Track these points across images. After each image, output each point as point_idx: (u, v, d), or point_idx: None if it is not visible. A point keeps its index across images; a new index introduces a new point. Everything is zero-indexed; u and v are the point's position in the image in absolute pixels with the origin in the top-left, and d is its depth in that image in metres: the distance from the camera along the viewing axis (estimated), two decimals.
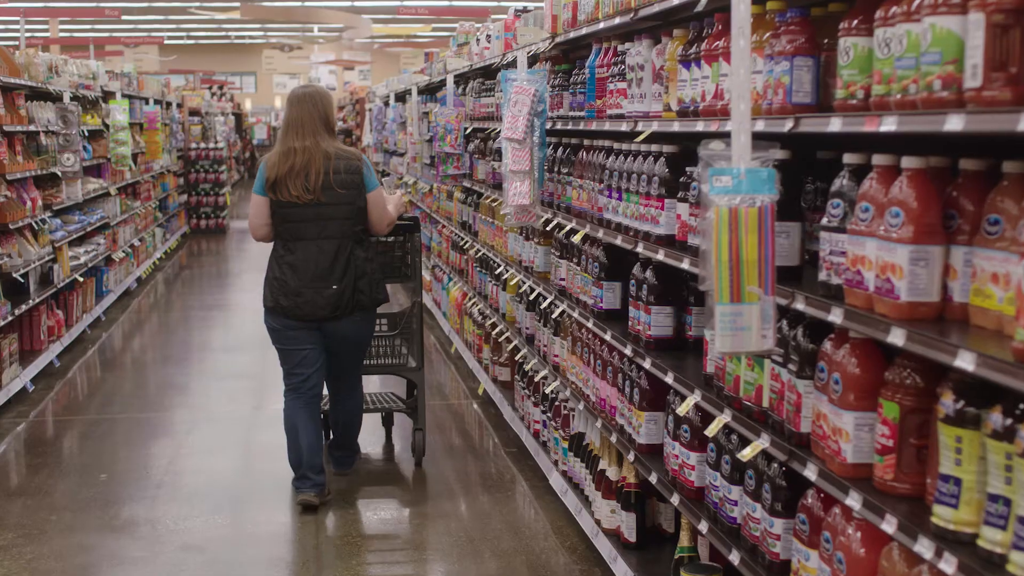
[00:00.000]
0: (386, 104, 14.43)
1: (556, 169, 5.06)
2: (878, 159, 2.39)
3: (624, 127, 4.00)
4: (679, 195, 3.55)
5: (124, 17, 28.27)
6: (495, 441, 6.26)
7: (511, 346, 6.25)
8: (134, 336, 9.86)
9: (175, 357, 8.69)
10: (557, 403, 5.20)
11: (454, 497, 5.33)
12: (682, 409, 3.35)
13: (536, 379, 5.53)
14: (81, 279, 9.12)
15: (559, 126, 5.02)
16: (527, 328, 5.89)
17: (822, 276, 2.59)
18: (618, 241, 4.09)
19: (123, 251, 11.26)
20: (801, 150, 3.00)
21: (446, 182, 7.79)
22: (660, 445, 3.88)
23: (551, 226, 5.07)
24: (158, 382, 7.84)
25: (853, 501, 2.39)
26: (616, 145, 4.24)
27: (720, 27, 3.19)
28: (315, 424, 5.17)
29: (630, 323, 4.07)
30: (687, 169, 3.54)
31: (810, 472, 2.59)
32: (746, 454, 2.86)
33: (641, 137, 3.70)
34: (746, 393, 3.01)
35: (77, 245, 9.46)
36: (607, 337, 4.26)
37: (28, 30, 27.77)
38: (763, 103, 2.81)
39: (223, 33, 35.93)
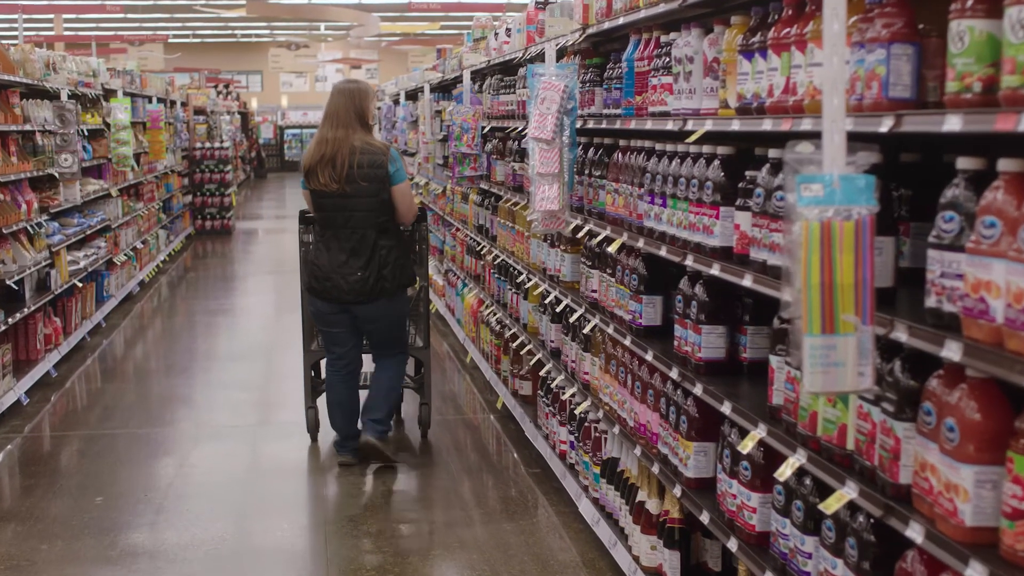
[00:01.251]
0: (396, 102, 14.05)
1: (587, 172, 4.67)
2: (1007, 164, 2.00)
3: (670, 126, 3.61)
4: (738, 202, 3.16)
5: (129, 16, 27.98)
6: (516, 459, 5.88)
7: (534, 360, 5.86)
8: (135, 343, 9.48)
9: (178, 366, 8.32)
10: (587, 424, 4.81)
11: (472, 524, 4.94)
12: (745, 446, 2.96)
13: (563, 397, 5.14)
14: (80, 284, 8.75)
15: (590, 125, 4.64)
16: (552, 341, 5.50)
17: (931, 302, 2.19)
18: (662, 252, 3.70)
19: (125, 254, 10.90)
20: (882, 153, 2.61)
21: (462, 184, 7.41)
22: (711, 479, 3.50)
23: (581, 233, 4.68)
24: (159, 394, 7.46)
25: (975, 573, 2.00)
26: (658, 146, 3.85)
27: (791, 12, 2.80)
28: (351, 396, 5.64)
29: (675, 343, 3.68)
30: (746, 173, 3.15)
31: (914, 533, 2.20)
32: (830, 505, 2.47)
33: (693, 137, 3.32)
34: (825, 432, 2.62)
35: (76, 249, 9.09)
36: (648, 357, 3.87)
37: (32, 28, 27.52)
38: (851, 98, 2.42)
39: (229, 31, 35.58)
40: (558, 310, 5.21)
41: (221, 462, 5.92)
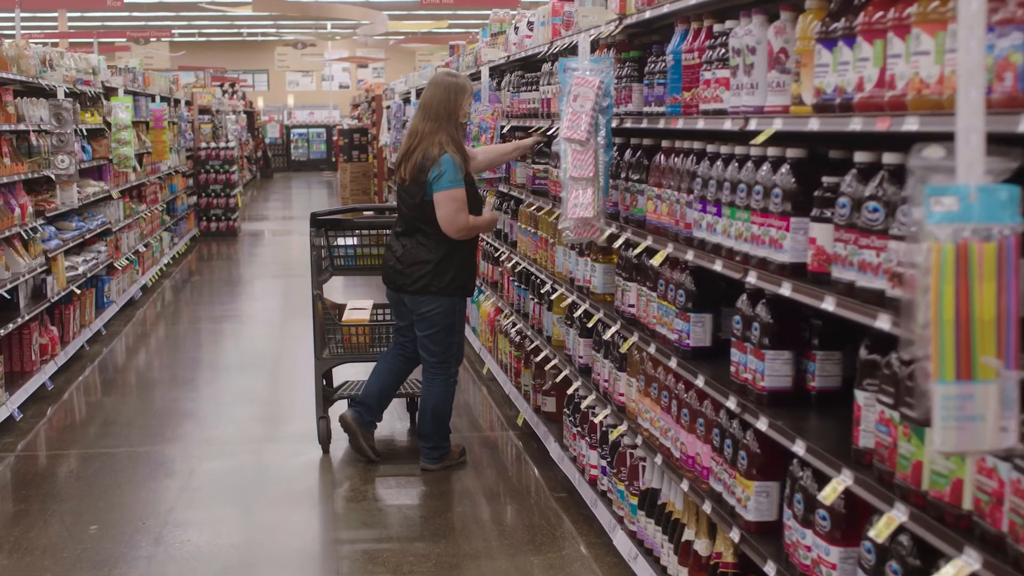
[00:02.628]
0: (406, 101, 13.68)
1: (625, 175, 4.27)
2: None
3: (728, 125, 3.21)
4: (813, 213, 2.77)
5: (134, 14, 27.64)
6: (540, 482, 5.48)
7: (560, 377, 5.47)
8: (137, 352, 9.10)
9: (180, 378, 7.93)
10: (622, 450, 4.42)
11: (496, 555, 4.55)
12: (827, 496, 2.56)
13: (595, 419, 4.75)
14: (79, 291, 8.36)
15: (628, 124, 4.24)
16: (580, 357, 5.10)
17: None
18: (717, 267, 3.31)
19: (126, 258, 10.52)
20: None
21: (480, 186, 7.00)
22: (775, 524, 3.10)
23: (618, 243, 4.28)
24: (161, 407, 7.06)
25: None
26: (710, 147, 3.46)
27: None
28: (388, 367, 5.62)
29: (733, 369, 3.28)
30: (823, 179, 2.75)
31: None
32: (948, 575, 2.07)
33: (761, 138, 2.92)
34: (934, 487, 2.22)
35: (75, 254, 8.72)
36: (699, 383, 3.48)
37: (36, 26, 27.18)
38: None
39: (235, 30, 35.22)
40: (589, 325, 4.82)
41: (226, 485, 5.53)
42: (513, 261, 6.61)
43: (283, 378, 7.88)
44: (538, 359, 5.87)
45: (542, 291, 5.83)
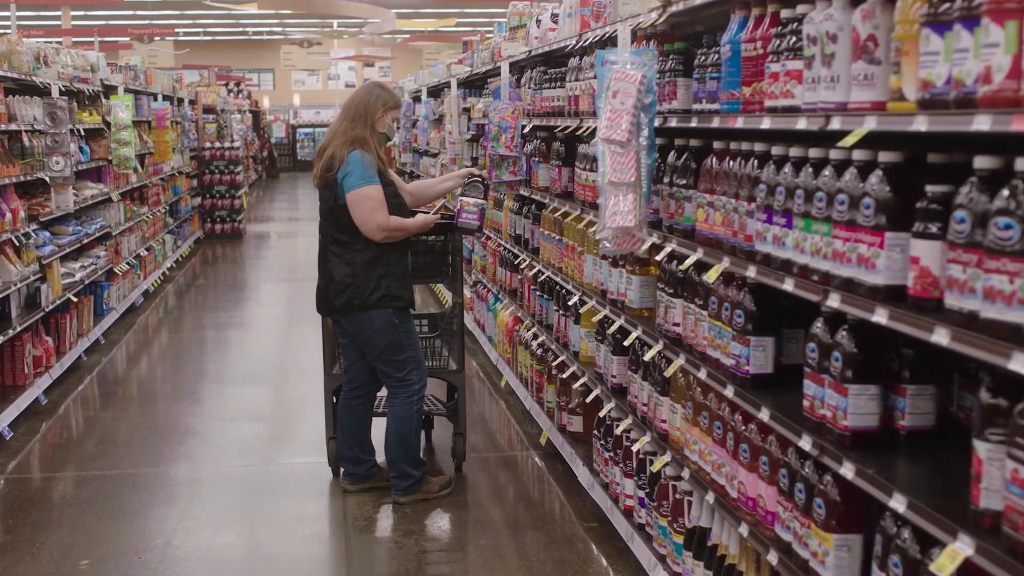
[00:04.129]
0: (416, 100, 13.27)
1: (669, 180, 3.86)
2: None
3: (802, 124, 2.80)
4: (916, 228, 2.35)
5: (138, 12, 27.27)
6: (568, 510, 5.08)
7: (590, 397, 5.05)
8: (137, 362, 8.69)
9: (182, 390, 7.53)
10: (664, 481, 4.00)
11: None
12: (943, 566, 2.14)
13: (632, 447, 4.33)
14: (76, 298, 7.96)
15: (673, 123, 3.82)
16: (614, 376, 4.69)
17: None
18: (786, 286, 2.89)
19: (127, 263, 10.12)
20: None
21: (499, 189, 6.60)
22: None
23: (661, 255, 3.87)
24: (161, 424, 6.65)
25: None
26: (775, 149, 3.05)
27: None
28: (348, 415, 5.20)
29: (806, 403, 2.87)
30: (927, 189, 2.34)
31: None
32: None
33: (851, 139, 2.50)
34: None
35: (72, 260, 8.32)
36: (764, 417, 3.06)
37: (39, 24, 26.82)
38: None
39: (240, 29, 34.84)
40: (625, 343, 4.40)
41: (229, 513, 5.13)
42: (535, 269, 6.20)
43: (290, 391, 7.48)
44: (564, 375, 5.46)
45: (569, 303, 5.42)
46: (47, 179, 7.36)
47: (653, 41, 4.10)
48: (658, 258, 3.91)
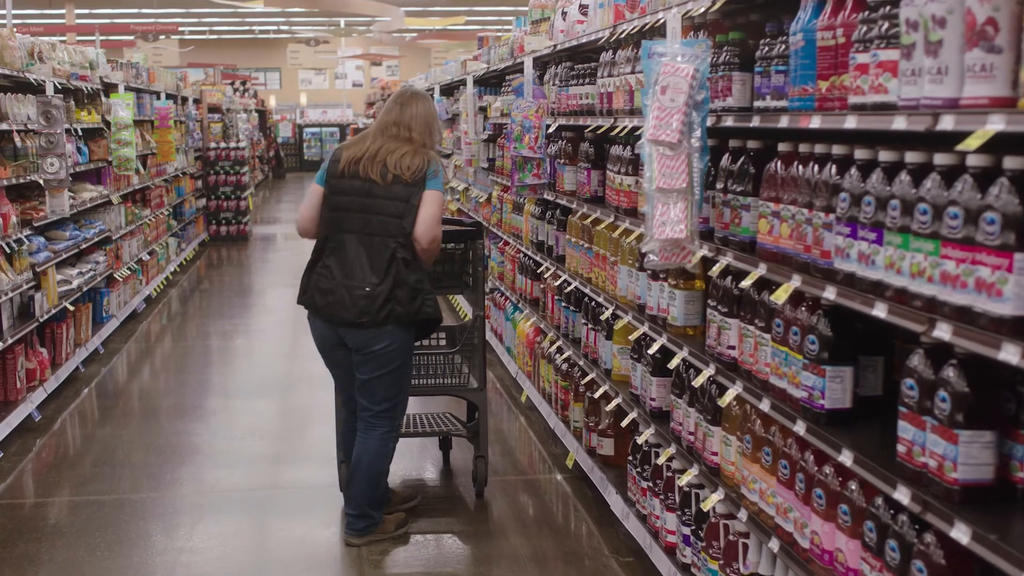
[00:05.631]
0: None
1: (724, 186, 3.46)
2: None
3: (900, 124, 2.39)
4: None
5: (143, 10, 26.88)
6: (600, 541, 4.68)
7: (626, 420, 4.65)
8: (137, 374, 8.29)
9: (184, 404, 7.14)
10: (715, 520, 3.60)
11: None
12: None
13: (678, 482, 3.92)
14: (72, 307, 7.57)
15: (729, 122, 3.42)
16: (653, 399, 4.29)
17: None
18: (879, 312, 2.49)
19: (128, 268, 9.73)
20: None
21: (522, 193, 6.19)
22: None
23: (715, 269, 3.47)
24: (161, 443, 6.24)
25: None
26: (859, 152, 2.64)
27: None
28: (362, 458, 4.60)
29: (902, 448, 2.46)
30: None
31: None
32: None
33: (973, 141, 2.09)
34: None
35: (69, 266, 7.94)
36: (847, 462, 2.66)
37: (41, 23, 26.48)
38: None
39: (247, 27, 34.46)
40: (669, 365, 4.00)
41: (230, 546, 4.73)
42: (560, 279, 5.79)
43: (298, 406, 7.09)
44: (595, 395, 5.06)
45: (600, 316, 5.02)
46: (41, 182, 6.97)
47: (703, 31, 3.69)
48: (710, 273, 3.51)
